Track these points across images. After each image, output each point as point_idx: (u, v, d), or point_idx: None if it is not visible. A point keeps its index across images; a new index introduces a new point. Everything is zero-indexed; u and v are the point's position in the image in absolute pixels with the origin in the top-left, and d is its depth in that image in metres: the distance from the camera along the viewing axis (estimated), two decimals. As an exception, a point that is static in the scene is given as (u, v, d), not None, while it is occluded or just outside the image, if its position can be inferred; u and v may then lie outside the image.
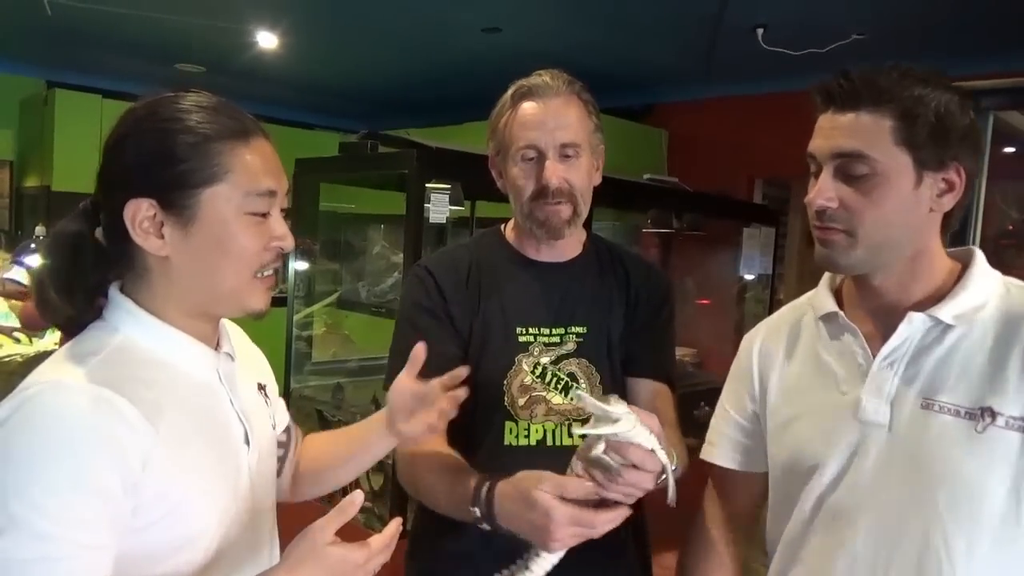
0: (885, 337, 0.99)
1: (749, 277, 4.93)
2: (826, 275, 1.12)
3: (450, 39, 4.42)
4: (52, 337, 3.57)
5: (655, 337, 1.31)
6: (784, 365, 1.12)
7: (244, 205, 0.84)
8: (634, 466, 0.92)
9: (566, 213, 1.24)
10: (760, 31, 3.89)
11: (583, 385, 1.26)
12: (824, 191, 0.96)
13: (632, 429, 0.90)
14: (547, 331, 1.27)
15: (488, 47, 4.32)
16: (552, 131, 1.21)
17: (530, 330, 1.27)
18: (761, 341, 1.17)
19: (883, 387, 0.97)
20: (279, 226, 0.88)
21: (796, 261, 5.50)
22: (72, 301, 0.85)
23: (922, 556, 0.92)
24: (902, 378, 0.97)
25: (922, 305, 0.98)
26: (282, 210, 0.90)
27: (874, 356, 0.99)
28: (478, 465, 1.13)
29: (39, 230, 3.47)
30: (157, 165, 0.82)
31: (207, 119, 0.84)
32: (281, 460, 1.10)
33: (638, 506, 1.30)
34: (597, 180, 1.31)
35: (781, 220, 5.07)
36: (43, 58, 5.38)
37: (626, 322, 1.30)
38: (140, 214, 0.82)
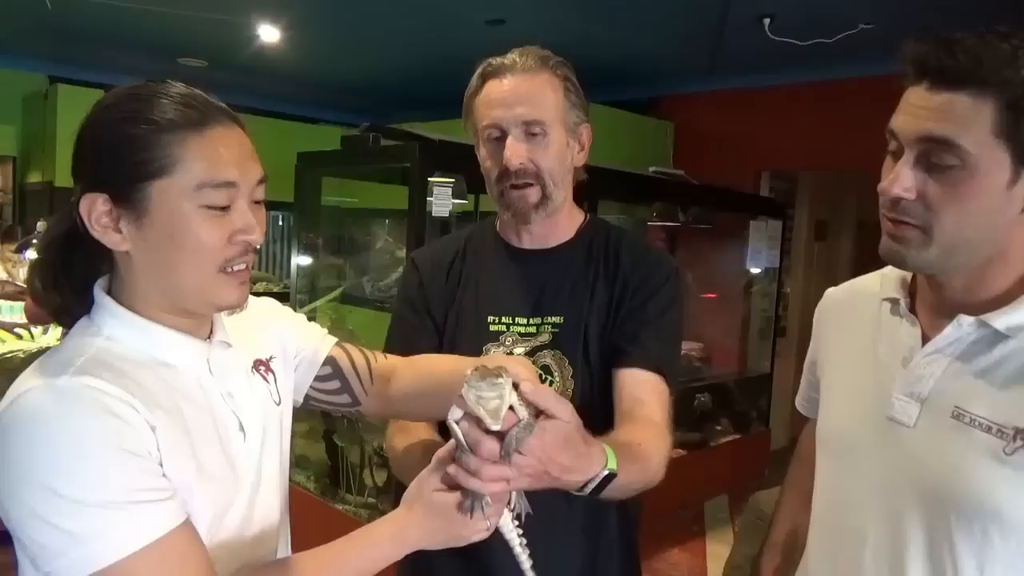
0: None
1: (756, 270, 4.90)
2: None
3: (454, 31, 4.39)
4: (54, 333, 3.56)
5: (645, 325, 1.20)
6: (840, 335, 1.08)
7: (198, 198, 0.80)
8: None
9: (533, 197, 1.18)
10: (767, 21, 3.85)
11: (556, 379, 1.20)
12: (902, 180, 0.84)
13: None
14: (523, 321, 1.23)
15: (492, 39, 4.25)
16: (512, 107, 1.15)
17: (503, 319, 1.23)
18: (828, 304, 1.14)
19: (916, 386, 0.91)
20: (241, 219, 0.82)
21: (803, 254, 5.46)
22: (62, 294, 0.85)
23: (931, 571, 0.87)
24: (939, 381, 0.89)
25: (984, 308, 0.87)
26: (257, 201, 0.85)
27: None
28: None
29: (40, 225, 3.46)
30: (108, 158, 0.80)
31: (165, 109, 0.80)
32: (339, 392, 1.11)
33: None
34: (580, 161, 1.24)
35: (788, 213, 5.04)
36: (45, 53, 5.37)
37: (609, 312, 1.22)
38: (96, 208, 0.80)
